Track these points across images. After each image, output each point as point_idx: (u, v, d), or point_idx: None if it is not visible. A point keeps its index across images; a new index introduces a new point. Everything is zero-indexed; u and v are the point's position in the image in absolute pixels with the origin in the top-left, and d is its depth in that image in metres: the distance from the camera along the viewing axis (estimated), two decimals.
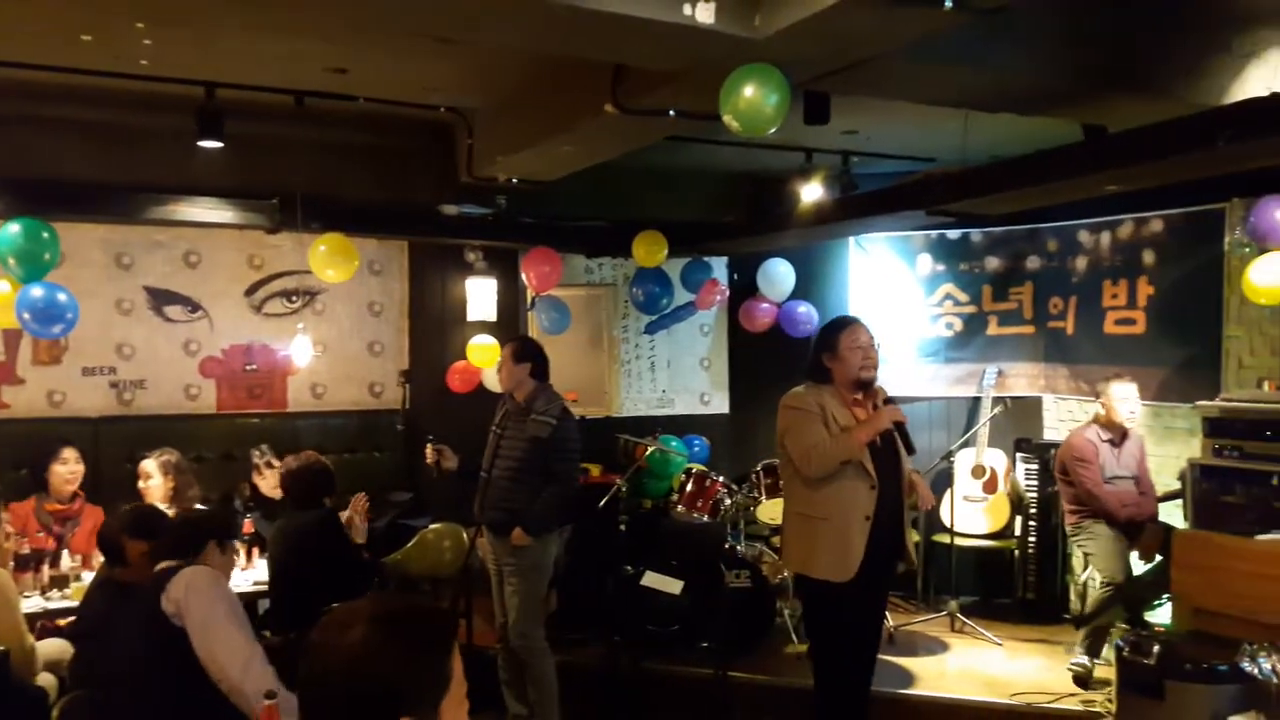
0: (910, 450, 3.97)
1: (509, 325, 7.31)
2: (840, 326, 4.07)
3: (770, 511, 6.46)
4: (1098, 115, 5.03)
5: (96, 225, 6.41)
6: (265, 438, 6.12)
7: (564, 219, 7.29)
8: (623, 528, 6.05)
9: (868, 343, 4.00)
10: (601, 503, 5.90)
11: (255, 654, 3.00)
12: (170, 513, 5.23)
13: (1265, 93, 4.29)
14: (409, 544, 6.03)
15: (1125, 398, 5.63)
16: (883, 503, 3.89)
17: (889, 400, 4.00)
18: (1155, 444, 6.16)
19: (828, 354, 4.03)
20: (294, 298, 6.96)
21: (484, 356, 6.99)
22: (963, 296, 7.41)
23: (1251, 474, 4.87)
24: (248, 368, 6.85)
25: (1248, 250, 5.62)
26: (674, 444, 7.27)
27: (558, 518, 4.85)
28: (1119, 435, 5.69)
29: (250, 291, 6.87)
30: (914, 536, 4.25)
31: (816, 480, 3.88)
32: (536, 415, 4.80)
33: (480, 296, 7.22)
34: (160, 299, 6.64)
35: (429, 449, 5.04)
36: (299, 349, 6.45)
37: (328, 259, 6.07)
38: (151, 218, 6.19)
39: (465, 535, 5.92)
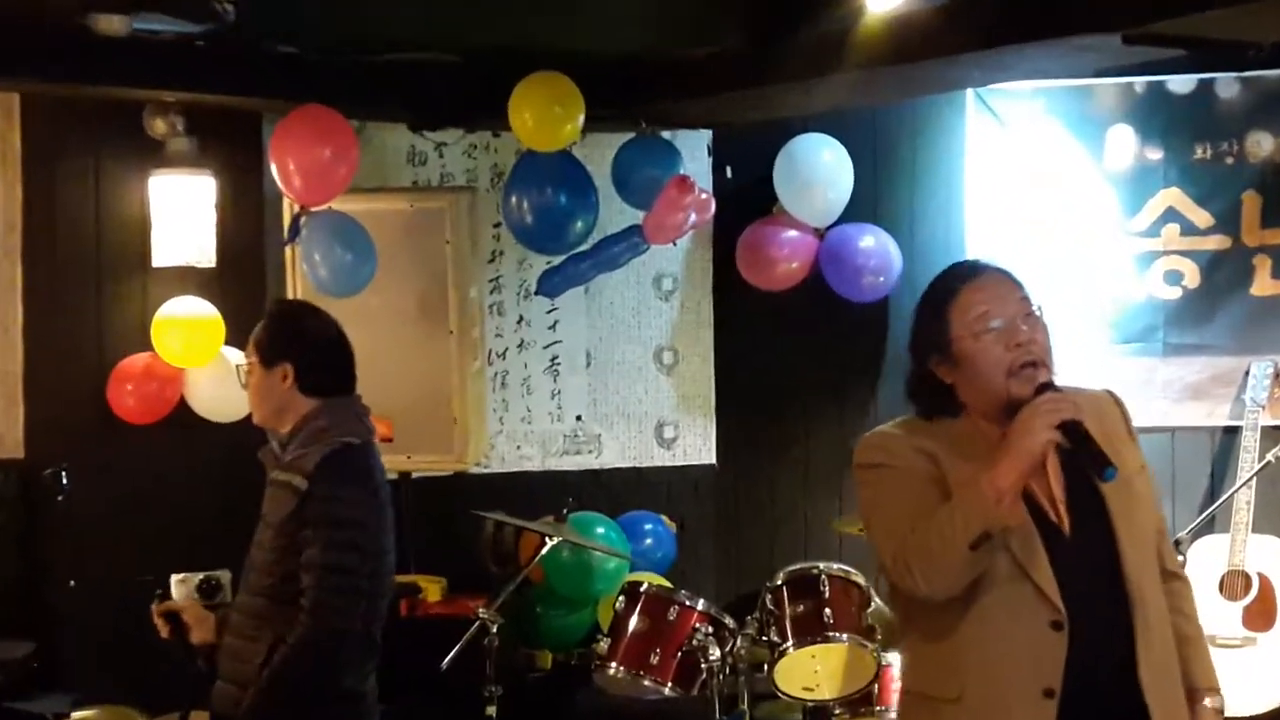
0: (1103, 467, 2.71)
1: (246, 276, 5.92)
2: (946, 291, 2.90)
3: (801, 672, 5.26)
4: None
5: None
6: None
7: (365, 49, 5.66)
8: (491, 712, 4.87)
9: (1018, 311, 2.82)
10: (446, 660, 4.87)
11: None
12: None
13: None
14: None
15: None
16: (1087, 651, 2.72)
17: (1044, 387, 2.78)
18: None
19: (936, 355, 2.89)
20: None
21: (186, 341, 5.68)
22: (1202, 216, 6.00)
23: None
24: None
25: None
26: (601, 531, 5.95)
27: (305, 694, 3.86)
28: None
29: None
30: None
31: (936, 610, 2.79)
32: (279, 471, 3.98)
33: (181, 212, 5.78)
34: None
35: (154, 614, 4.25)
36: None
37: None
38: None
39: None
